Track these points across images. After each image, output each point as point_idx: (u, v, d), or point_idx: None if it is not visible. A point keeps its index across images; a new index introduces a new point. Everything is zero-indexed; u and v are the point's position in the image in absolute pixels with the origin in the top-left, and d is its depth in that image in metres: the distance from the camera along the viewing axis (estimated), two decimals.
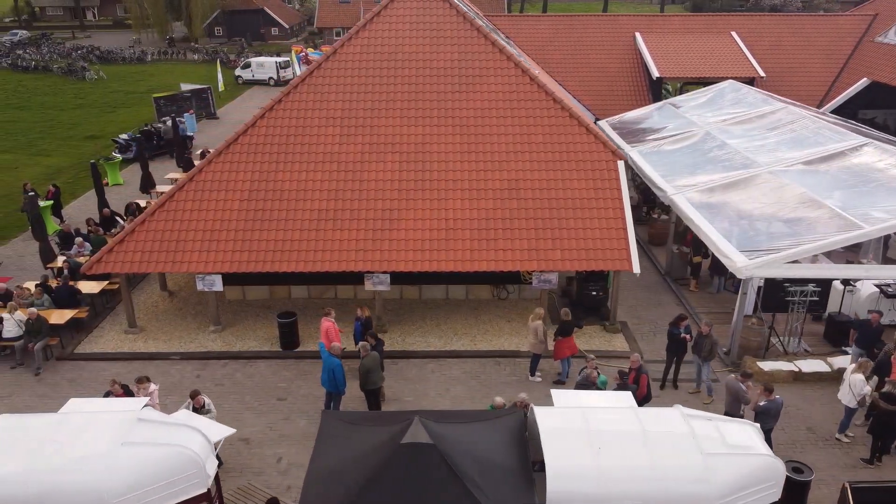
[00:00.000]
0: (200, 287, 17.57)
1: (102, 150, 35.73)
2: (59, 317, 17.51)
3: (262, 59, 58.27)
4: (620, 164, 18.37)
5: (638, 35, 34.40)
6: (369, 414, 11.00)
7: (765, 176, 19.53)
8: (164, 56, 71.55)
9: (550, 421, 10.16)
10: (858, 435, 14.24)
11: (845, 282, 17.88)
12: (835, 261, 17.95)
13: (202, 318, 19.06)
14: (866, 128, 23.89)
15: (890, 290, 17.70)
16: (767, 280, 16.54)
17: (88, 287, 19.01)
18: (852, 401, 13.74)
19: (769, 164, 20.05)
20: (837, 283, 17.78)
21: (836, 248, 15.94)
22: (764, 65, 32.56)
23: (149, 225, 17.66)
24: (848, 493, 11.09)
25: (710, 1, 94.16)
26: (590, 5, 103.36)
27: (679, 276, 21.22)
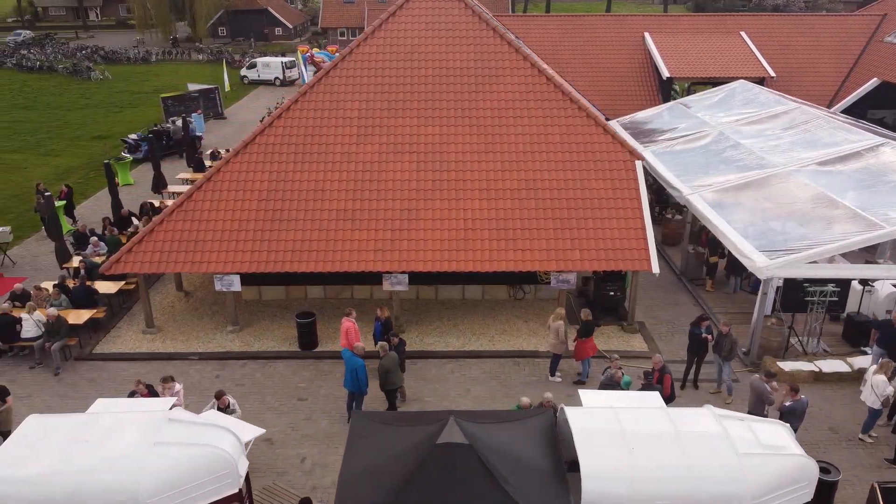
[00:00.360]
0: (219, 287, 17.56)
1: (111, 151, 35.73)
2: (77, 317, 17.49)
3: (267, 59, 58.24)
4: (638, 163, 18.37)
5: (647, 35, 34.39)
6: (402, 414, 11.00)
7: (781, 176, 19.52)
8: (169, 56, 71.49)
9: (583, 421, 10.16)
10: (882, 435, 14.24)
11: (863, 282, 17.87)
12: (852, 261, 17.96)
13: (219, 318, 19.05)
14: (878, 128, 23.88)
15: None
16: (786, 280, 16.52)
17: (105, 287, 19.00)
18: (876, 402, 13.73)
19: (785, 164, 20.05)
20: (856, 283, 17.78)
21: (856, 248, 15.94)
22: (773, 65, 32.57)
23: (167, 225, 17.65)
24: (878, 493, 11.07)
25: (713, 1, 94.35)
26: (591, 5, 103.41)
27: (694, 276, 21.21)
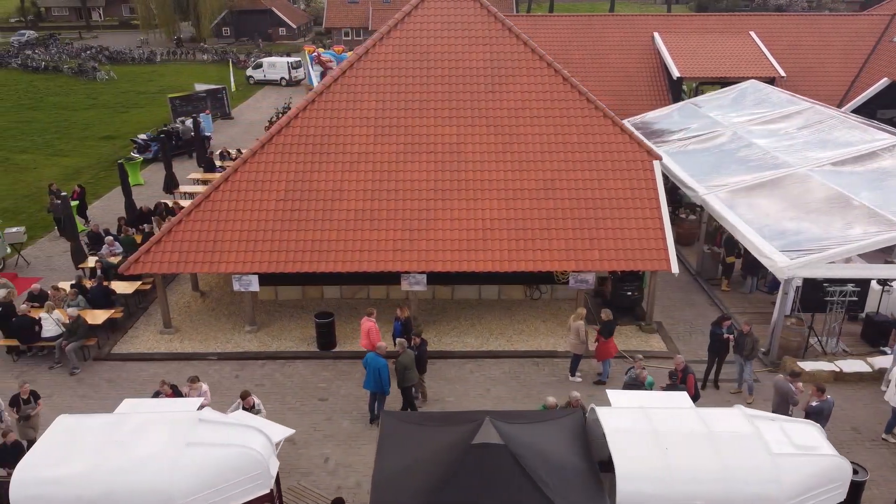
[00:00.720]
0: (237, 287, 17.55)
1: (120, 151, 35.73)
2: (94, 317, 17.48)
3: (273, 59, 58.28)
4: (656, 163, 18.35)
5: (657, 35, 34.36)
6: (431, 414, 10.99)
7: (797, 176, 19.52)
8: (173, 56, 71.52)
9: (615, 421, 10.15)
10: None
11: (882, 282, 17.85)
12: (868, 261, 17.94)
13: (236, 318, 19.05)
14: (889, 128, 23.85)
15: None
16: (806, 280, 16.51)
17: (122, 287, 18.99)
18: None
19: (800, 164, 20.05)
20: (874, 282, 17.76)
21: (877, 248, 15.93)
22: (783, 65, 32.53)
23: (185, 225, 17.63)
24: None
25: (716, 1, 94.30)
26: (594, 5, 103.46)
27: (710, 276, 21.20)
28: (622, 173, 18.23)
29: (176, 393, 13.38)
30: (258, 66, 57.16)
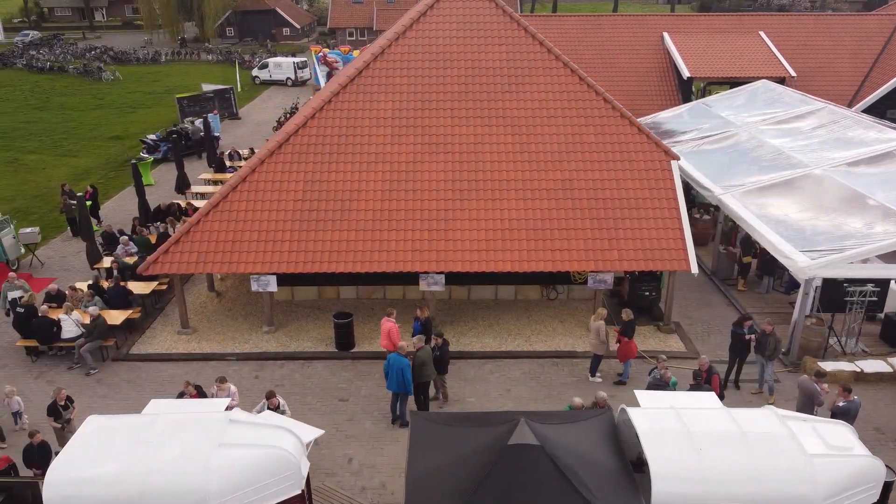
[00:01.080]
0: (255, 288, 17.53)
1: (129, 151, 35.71)
2: (113, 318, 17.46)
3: (279, 59, 58.23)
4: (674, 163, 18.33)
5: (666, 35, 34.37)
6: (462, 415, 10.97)
7: (814, 176, 19.51)
8: (178, 56, 71.47)
9: (648, 422, 10.13)
10: None
11: None
12: (886, 261, 17.90)
13: (253, 318, 19.03)
14: None
15: None
16: (825, 280, 16.49)
17: (138, 288, 18.97)
18: None
19: (816, 164, 20.03)
20: (893, 283, 17.71)
21: None
22: (792, 64, 32.54)
23: (203, 225, 17.61)
24: None
25: (718, 1, 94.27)
26: (597, 5, 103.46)
27: (725, 276, 21.18)
28: (640, 173, 18.21)
29: (200, 394, 13.37)
30: (264, 66, 57.11)
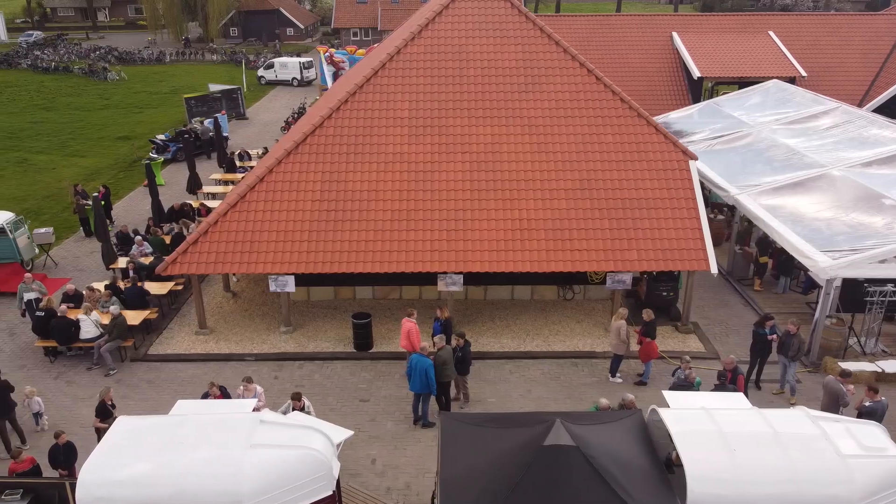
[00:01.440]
0: (273, 288, 17.50)
1: (138, 151, 35.68)
2: (131, 318, 17.43)
3: (285, 59, 58.19)
4: (692, 163, 18.30)
5: (675, 35, 34.33)
6: (492, 415, 10.93)
7: (831, 175, 19.48)
8: (182, 57, 71.45)
9: (680, 423, 10.08)
10: None
11: None
12: None
13: (270, 318, 19.01)
14: None
15: None
16: (846, 280, 16.46)
17: (155, 288, 18.95)
18: None
19: (833, 164, 20.00)
20: None
21: None
22: (802, 64, 32.52)
23: (221, 226, 17.58)
24: None
25: (721, 1, 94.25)
26: (599, 5, 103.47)
27: (741, 276, 21.14)
28: (658, 173, 18.18)
29: (224, 394, 13.34)
30: (269, 66, 57.08)
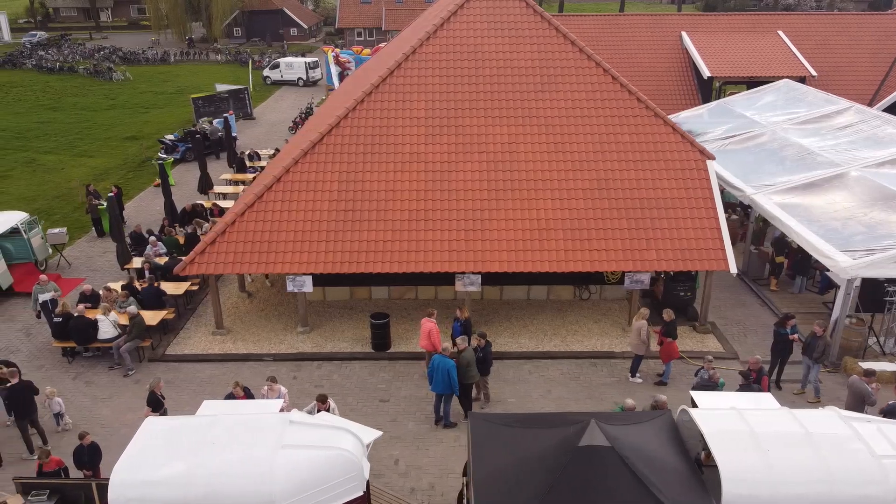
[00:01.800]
0: (290, 288, 17.48)
1: (146, 151, 35.65)
2: (148, 318, 17.38)
3: (290, 59, 58.14)
4: (710, 163, 18.28)
5: (685, 34, 34.32)
6: (523, 416, 10.89)
7: (848, 175, 19.44)
8: (187, 57, 71.41)
9: (712, 423, 10.05)
10: None
11: None
12: None
13: (286, 319, 18.98)
14: None
15: None
16: (865, 280, 16.43)
17: (171, 288, 18.91)
18: None
19: (849, 164, 19.96)
20: None
21: None
22: (811, 64, 32.50)
23: (239, 226, 17.55)
24: None
25: (723, 1, 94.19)
26: (601, 5, 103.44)
27: (756, 276, 21.11)
28: (676, 173, 18.14)
29: (248, 395, 13.31)
30: (275, 66, 57.02)
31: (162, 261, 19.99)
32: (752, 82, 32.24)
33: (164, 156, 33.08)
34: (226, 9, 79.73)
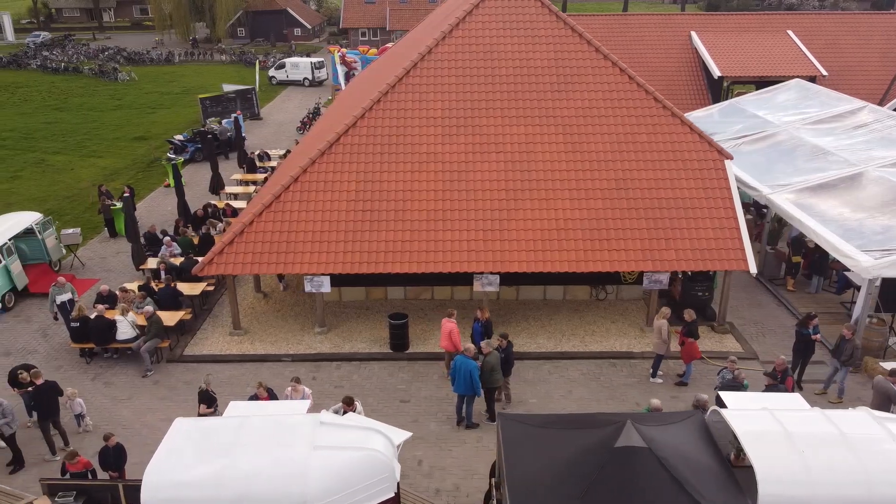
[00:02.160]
0: (308, 289, 17.44)
1: (155, 151, 35.62)
2: (165, 319, 17.34)
3: (296, 59, 58.12)
4: (728, 163, 18.24)
5: (694, 34, 34.31)
6: (556, 417, 10.84)
7: (865, 174, 19.40)
8: (191, 57, 71.39)
9: (745, 423, 10.00)
10: None
11: None
12: None
13: (303, 319, 18.94)
14: None
15: None
16: (885, 280, 16.38)
17: (187, 288, 18.87)
18: None
19: (865, 163, 19.92)
20: None
21: None
22: (821, 63, 32.47)
23: (256, 226, 17.51)
24: None
25: (726, 1, 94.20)
26: (603, 5, 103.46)
27: (772, 276, 21.07)
28: (694, 172, 18.11)
29: (272, 396, 13.26)
30: (280, 66, 56.99)
31: (177, 261, 19.96)
32: (763, 82, 32.19)
33: (174, 156, 33.08)
34: (229, 9, 79.73)
